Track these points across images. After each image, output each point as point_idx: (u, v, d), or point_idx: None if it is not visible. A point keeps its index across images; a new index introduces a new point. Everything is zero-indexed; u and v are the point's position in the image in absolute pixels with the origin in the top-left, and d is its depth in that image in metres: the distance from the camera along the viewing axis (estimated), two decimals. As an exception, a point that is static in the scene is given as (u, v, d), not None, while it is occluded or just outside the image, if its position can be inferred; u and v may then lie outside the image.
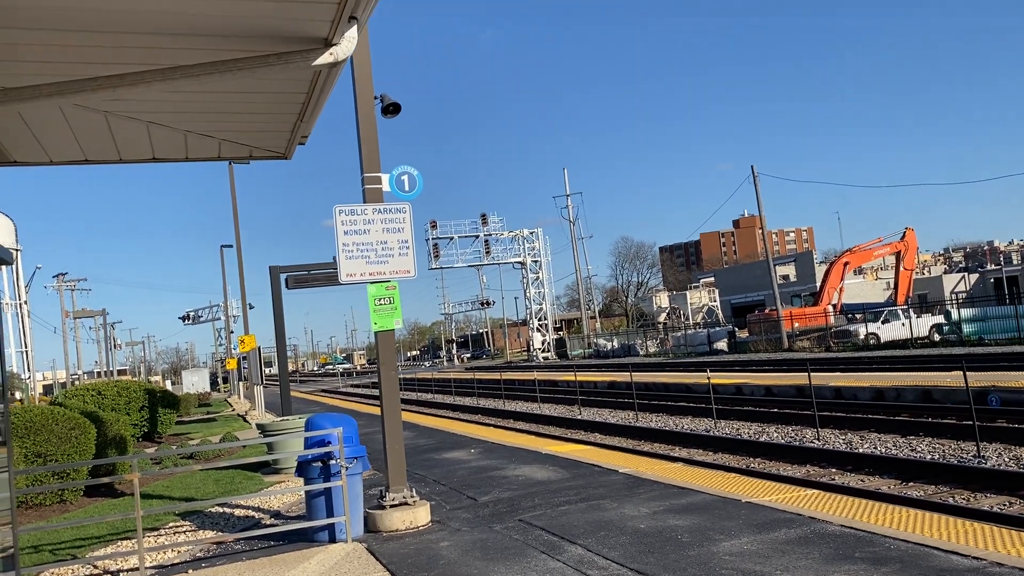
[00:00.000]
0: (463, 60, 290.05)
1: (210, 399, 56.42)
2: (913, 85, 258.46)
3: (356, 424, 8.77)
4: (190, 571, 7.55)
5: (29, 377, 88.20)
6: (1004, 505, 9.04)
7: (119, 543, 9.10)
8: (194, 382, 73.79)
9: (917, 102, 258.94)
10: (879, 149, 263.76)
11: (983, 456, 11.53)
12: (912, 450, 12.70)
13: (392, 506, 8.56)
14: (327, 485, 8.17)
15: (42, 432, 11.86)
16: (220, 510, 10.70)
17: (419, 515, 8.54)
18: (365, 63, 8.67)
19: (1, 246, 4.79)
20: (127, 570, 7.87)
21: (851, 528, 6.64)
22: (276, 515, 10.24)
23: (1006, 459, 11.30)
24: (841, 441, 14.21)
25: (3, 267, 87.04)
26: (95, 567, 8.09)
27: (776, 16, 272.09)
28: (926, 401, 16.87)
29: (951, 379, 17.96)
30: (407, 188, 9.13)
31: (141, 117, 5.94)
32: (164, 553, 8.35)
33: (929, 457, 11.95)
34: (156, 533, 9.59)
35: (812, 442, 14.35)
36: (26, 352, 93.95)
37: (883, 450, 12.95)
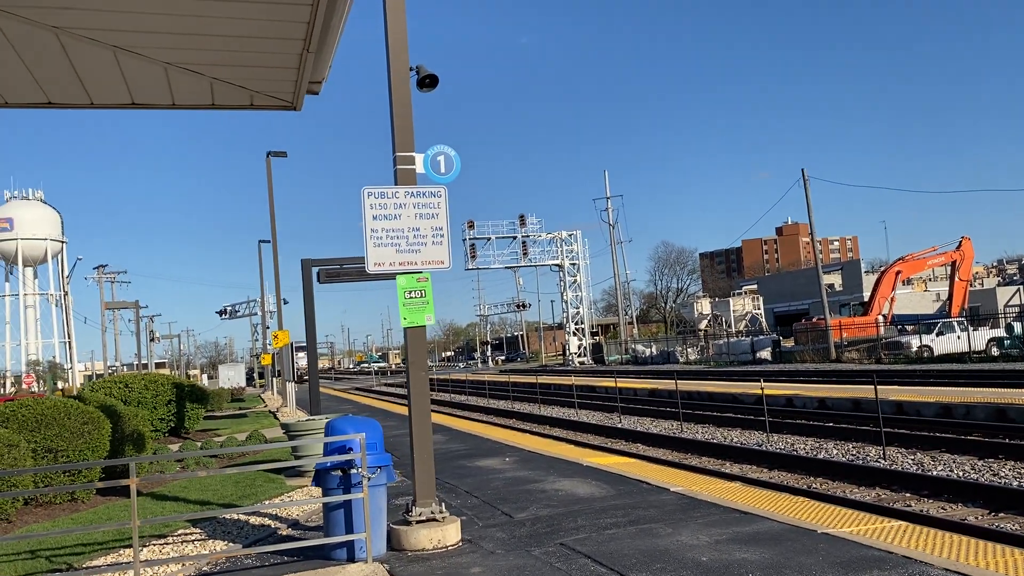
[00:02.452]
0: (503, 63, 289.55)
1: (244, 394, 56.32)
2: (967, 83, 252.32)
3: (381, 429, 7.89)
4: (190, 589, 6.73)
5: (70, 368, 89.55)
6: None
7: (121, 551, 8.32)
8: (230, 376, 74.06)
9: (970, 102, 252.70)
10: (928, 155, 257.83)
11: (1078, 485, 10.31)
12: (994, 475, 11.49)
13: (419, 522, 7.67)
14: (347, 497, 7.31)
15: (53, 426, 11.21)
16: (235, 517, 9.91)
17: (448, 533, 7.64)
18: (400, 29, 7.81)
19: None
20: (123, 585, 7.08)
21: (958, 573, 5.59)
22: (294, 525, 9.42)
23: (1105, 489, 10.07)
24: (910, 461, 13.02)
25: (48, 261, 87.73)
26: (90, 579, 7.31)
27: (824, 16, 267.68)
28: (1000, 420, 15.56)
29: (1025, 397, 16.61)
30: (443, 170, 8.24)
31: (104, 40, 5.03)
32: (166, 567, 7.54)
33: (1016, 484, 10.74)
34: (163, 541, 8.81)
35: (877, 461, 13.18)
36: (68, 343, 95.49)
37: (961, 474, 11.75)
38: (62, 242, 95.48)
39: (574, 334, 74.39)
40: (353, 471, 7.30)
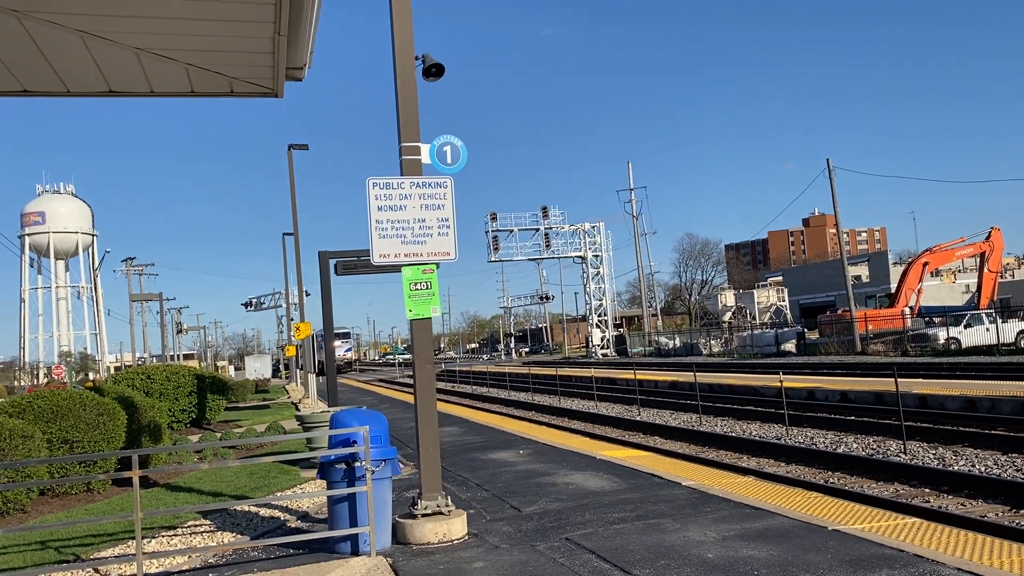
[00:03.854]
0: (526, 55, 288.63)
1: (268, 385, 56.73)
2: (999, 70, 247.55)
3: (386, 422, 7.84)
4: (194, 582, 6.73)
5: (101, 358, 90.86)
6: None
7: (129, 542, 8.36)
8: (256, 368, 74.58)
9: (1003, 89, 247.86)
10: (957, 142, 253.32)
11: (1105, 481, 10.02)
12: (1017, 470, 11.23)
13: (424, 515, 7.61)
14: (351, 490, 7.27)
15: (68, 417, 11.29)
16: (246, 508, 9.93)
17: (454, 527, 7.57)
18: (405, 15, 7.72)
19: None
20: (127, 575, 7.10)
21: (970, 573, 5.42)
22: (304, 517, 9.43)
23: None
24: (931, 456, 12.77)
25: (79, 253, 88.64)
26: (97, 571, 7.35)
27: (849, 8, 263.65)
28: (1026, 414, 15.21)
29: (1053, 390, 16.24)
30: (449, 160, 8.15)
31: (68, 24, 4.96)
32: (172, 559, 7.56)
33: (1040, 480, 10.49)
34: (172, 532, 8.85)
35: (898, 456, 12.94)
36: (99, 335, 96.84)
37: (983, 469, 11.49)
38: (93, 235, 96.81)
39: (597, 326, 74.10)
40: (357, 464, 7.26)
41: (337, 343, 71.41)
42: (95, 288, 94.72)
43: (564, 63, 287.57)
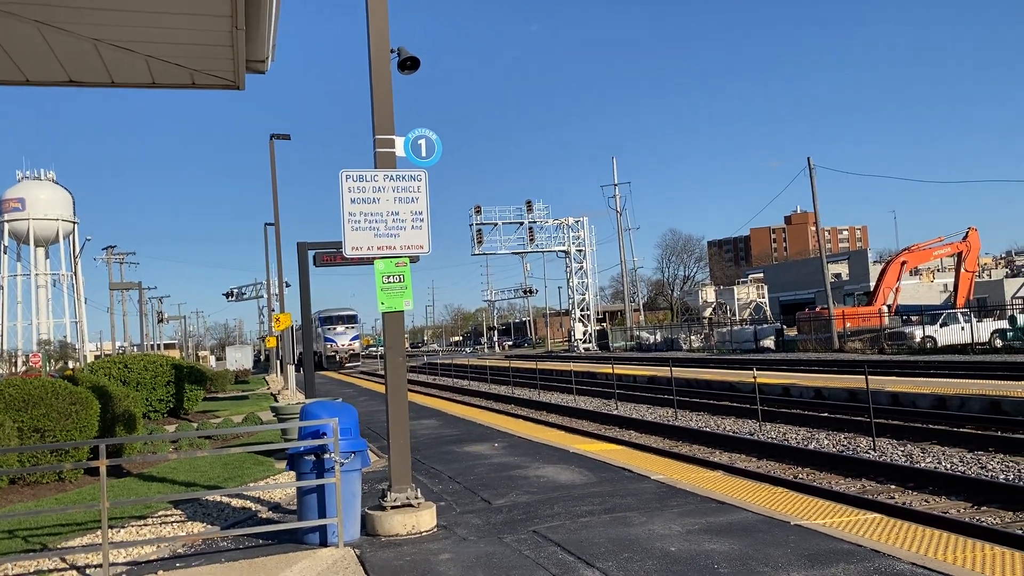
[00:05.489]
0: (513, 50, 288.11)
1: (248, 376, 56.47)
2: (979, 71, 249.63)
3: (356, 414, 7.89)
4: (160, 571, 6.74)
5: (81, 347, 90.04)
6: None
7: (98, 532, 8.33)
8: (237, 358, 74.16)
9: (984, 91, 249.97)
10: (941, 144, 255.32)
11: (1066, 479, 10.22)
12: (982, 468, 11.42)
13: (394, 507, 7.66)
14: (320, 482, 7.31)
15: (40, 406, 11.23)
16: (218, 499, 9.94)
17: (423, 519, 7.63)
18: (381, 7, 7.74)
19: None
20: (94, 565, 7.10)
21: (924, 568, 5.53)
22: (275, 508, 9.45)
23: (1093, 484, 9.98)
24: (900, 453, 12.95)
25: (60, 241, 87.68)
26: (64, 560, 7.34)
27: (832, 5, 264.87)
28: (994, 412, 15.45)
29: (1021, 389, 16.48)
30: (424, 153, 8.18)
31: (22, 13, 4.90)
32: (141, 549, 7.56)
33: (1003, 478, 10.67)
34: (142, 522, 8.84)
35: (867, 452, 13.12)
36: (78, 323, 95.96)
37: (949, 466, 11.68)
38: (74, 223, 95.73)
39: (580, 320, 74.31)
40: (326, 456, 7.30)
41: (339, 329, 68.38)
42: (75, 276, 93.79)
43: (550, 58, 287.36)
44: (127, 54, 5.56)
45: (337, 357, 67.49)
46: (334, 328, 69.02)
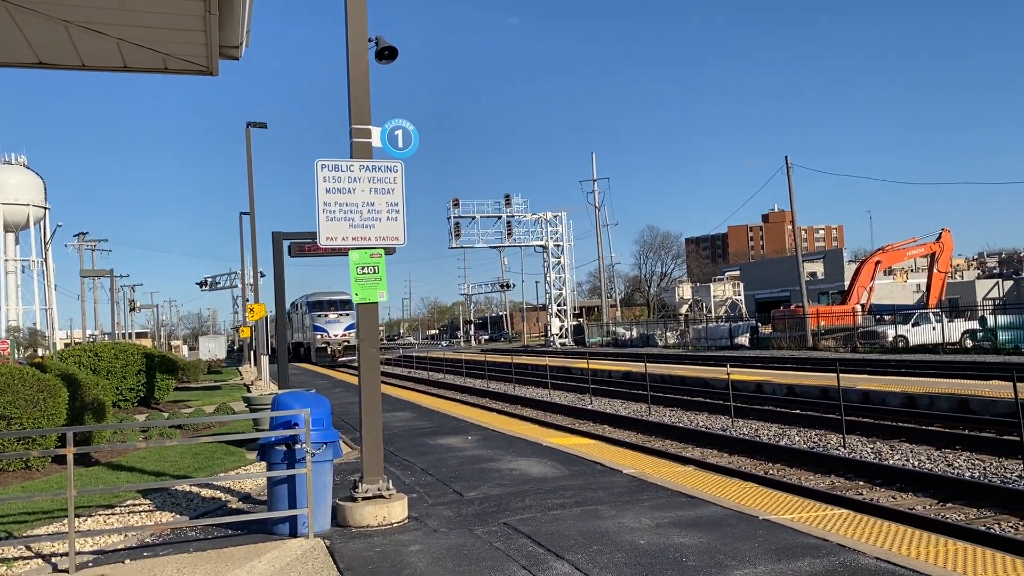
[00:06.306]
0: (493, 43, 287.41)
1: (222, 367, 56.02)
2: (956, 77, 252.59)
3: (329, 405, 7.85)
4: (127, 560, 6.68)
5: (51, 334, 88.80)
6: (1058, 537, 7.94)
7: (64, 520, 8.24)
8: (211, 348, 73.54)
9: (959, 95, 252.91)
10: (915, 145, 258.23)
11: (1029, 477, 10.39)
12: (949, 465, 11.58)
13: (365, 499, 7.64)
14: (291, 472, 7.27)
15: (7, 394, 11.05)
16: (187, 488, 9.85)
17: (394, 510, 7.61)
18: (358, -1, 7.68)
19: None
20: (60, 554, 7.01)
21: (888, 563, 5.61)
22: (246, 498, 9.38)
23: (1055, 482, 10.17)
24: (869, 450, 13.11)
25: (30, 227, 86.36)
26: (28, 548, 7.25)
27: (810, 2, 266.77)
28: (962, 411, 15.68)
29: (989, 389, 16.75)
30: (400, 144, 8.14)
31: None
32: (108, 538, 7.48)
33: (969, 475, 10.83)
34: (110, 511, 8.76)
35: (837, 449, 13.26)
36: (48, 310, 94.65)
37: (916, 463, 11.83)
38: (45, 208, 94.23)
39: (557, 315, 74.40)
40: (297, 447, 7.26)
41: (332, 316, 56.27)
42: (46, 262, 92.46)
43: (530, 52, 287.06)
44: (98, 37, 5.47)
45: (329, 350, 54.41)
46: (326, 315, 56.23)
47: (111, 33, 5.46)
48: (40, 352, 68.39)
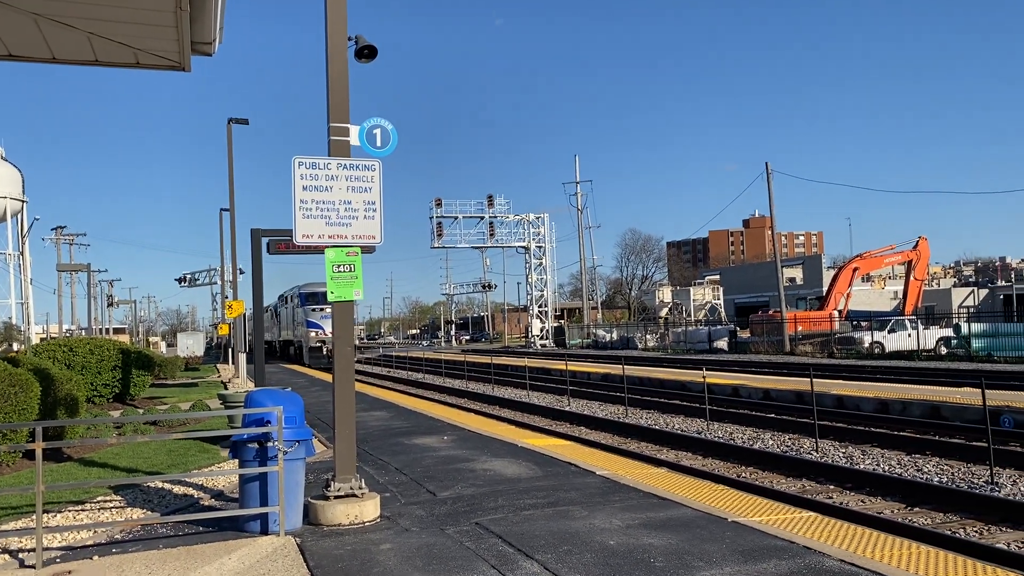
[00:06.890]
0: (478, 44, 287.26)
1: (199, 364, 55.62)
2: (935, 87, 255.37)
3: (302, 403, 7.84)
4: (95, 556, 6.64)
5: (27, 329, 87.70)
6: (1022, 544, 8.08)
7: (33, 516, 8.17)
8: (188, 345, 72.86)
9: (939, 104, 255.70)
10: (896, 152, 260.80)
11: (996, 483, 10.56)
12: (918, 470, 11.74)
13: (337, 497, 7.64)
14: (262, 470, 7.26)
15: (-23, 388, 10.93)
16: (160, 485, 9.80)
17: (366, 509, 7.62)
18: (338, -4, 7.68)
19: None
20: (27, 549, 6.96)
21: (851, 565, 5.69)
22: (218, 496, 9.34)
23: (1022, 488, 10.33)
24: (841, 455, 13.25)
25: (7, 220, 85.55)
26: (-5, 544, 7.19)
27: (790, 11, 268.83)
28: (934, 417, 15.89)
29: (960, 395, 16.97)
30: (379, 143, 8.15)
31: None
32: (77, 534, 7.43)
33: (937, 480, 10.98)
34: (80, 507, 8.69)
35: (810, 453, 13.40)
36: (25, 304, 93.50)
37: (886, 468, 11.98)
38: (22, 201, 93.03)
39: (538, 316, 74.52)
40: (270, 444, 7.25)
41: (328, 310, 53.47)
42: (23, 256, 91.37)
43: (514, 53, 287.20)
44: (68, 30, 5.44)
45: (324, 349, 46.21)
46: (322, 309, 46.46)
47: (81, 27, 5.43)
48: (15, 347, 67.59)
